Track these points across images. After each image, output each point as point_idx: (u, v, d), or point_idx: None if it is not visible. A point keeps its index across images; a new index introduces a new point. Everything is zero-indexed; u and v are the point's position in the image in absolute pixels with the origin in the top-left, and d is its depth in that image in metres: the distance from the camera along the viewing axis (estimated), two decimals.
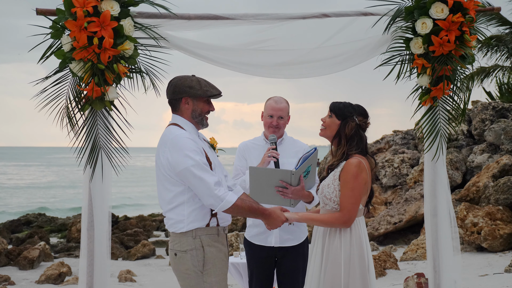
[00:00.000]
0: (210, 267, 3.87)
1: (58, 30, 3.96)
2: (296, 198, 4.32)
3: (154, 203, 37.51)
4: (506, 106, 14.34)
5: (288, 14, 4.23)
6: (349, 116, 4.02)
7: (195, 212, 3.88)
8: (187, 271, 3.86)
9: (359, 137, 4.02)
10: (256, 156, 4.83)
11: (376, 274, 9.35)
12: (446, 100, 4.31)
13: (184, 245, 3.87)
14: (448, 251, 4.34)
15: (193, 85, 3.94)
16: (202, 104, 3.99)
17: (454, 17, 4.05)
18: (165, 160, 3.83)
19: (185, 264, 3.86)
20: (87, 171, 4.08)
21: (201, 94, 3.95)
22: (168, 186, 3.88)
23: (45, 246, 12.65)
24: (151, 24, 4.11)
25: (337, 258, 3.90)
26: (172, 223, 3.93)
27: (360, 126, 4.04)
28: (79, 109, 4.04)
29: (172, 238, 3.96)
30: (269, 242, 4.80)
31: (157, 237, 17.57)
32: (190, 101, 3.96)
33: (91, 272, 4.14)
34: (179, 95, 3.95)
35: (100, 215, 4.12)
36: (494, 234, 10.22)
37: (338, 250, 3.91)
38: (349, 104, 4.06)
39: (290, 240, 4.80)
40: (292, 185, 4.26)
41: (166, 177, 3.87)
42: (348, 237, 3.92)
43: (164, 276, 11.00)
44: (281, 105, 4.76)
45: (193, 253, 3.85)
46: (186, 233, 3.88)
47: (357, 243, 3.92)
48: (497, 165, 11.93)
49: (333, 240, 3.94)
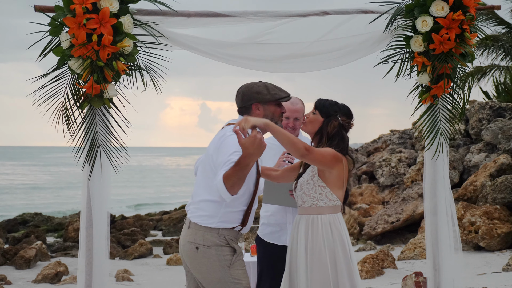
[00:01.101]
0: (235, 260, 3.87)
1: (56, 27, 3.93)
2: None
3: (151, 203, 37.53)
4: (503, 105, 14.36)
5: (288, 12, 4.21)
6: (333, 115, 4.05)
7: (230, 214, 3.88)
8: (211, 265, 3.83)
9: (340, 136, 4.05)
10: (272, 156, 4.79)
11: (374, 273, 9.35)
12: (446, 98, 4.30)
13: (208, 240, 3.84)
14: (448, 249, 4.34)
15: (260, 90, 3.96)
16: (273, 108, 4.00)
17: (455, 15, 4.04)
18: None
19: (209, 258, 3.83)
20: (86, 169, 4.06)
21: (270, 98, 3.96)
22: None
23: (42, 246, 12.60)
24: (151, 21, 4.09)
25: (322, 258, 3.90)
26: (201, 214, 3.89)
27: (343, 126, 4.07)
28: (77, 106, 4.02)
29: (193, 231, 3.90)
30: (282, 241, 4.77)
31: (154, 237, 17.54)
32: (261, 106, 3.97)
33: (89, 271, 4.11)
34: (248, 102, 3.97)
35: (99, 214, 4.09)
36: (492, 233, 10.24)
37: (322, 249, 3.90)
38: (334, 103, 4.09)
39: None
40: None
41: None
42: (330, 234, 3.92)
43: (161, 275, 10.98)
44: (297, 106, 4.77)
45: (219, 249, 3.84)
46: (212, 229, 3.86)
47: (339, 239, 3.93)
48: (494, 164, 11.94)
49: (316, 238, 3.92)
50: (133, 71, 4.08)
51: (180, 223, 18.61)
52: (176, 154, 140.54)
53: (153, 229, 19.07)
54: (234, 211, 3.89)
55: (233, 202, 3.84)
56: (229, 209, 3.87)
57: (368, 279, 9.17)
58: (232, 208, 3.88)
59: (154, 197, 42.08)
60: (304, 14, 4.22)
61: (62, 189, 46.79)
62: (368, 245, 12.58)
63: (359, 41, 4.32)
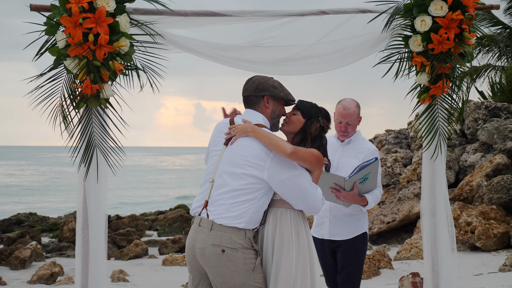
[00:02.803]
0: (258, 264, 3.80)
1: (52, 26, 3.89)
2: (348, 201, 4.63)
3: (147, 202, 37.45)
4: (499, 105, 14.37)
5: (286, 11, 4.19)
6: (315, 117, 4.07)
7: (257, 215, 3.82)
8: (237, 269, 3.73)
9: (321, 138, 4.08)
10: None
11: (371, 274, 9.33)
12: (444, 99, 4.28)
13: (235, 243, 3.73)
14: (446, 250, 4.33)
15: (276, 85, 3.91)
16: (281, 107, 3.96)
17: (454, 15, 4.02)
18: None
19: (235, 262, 3.72)
20: (82, 170, 4.02)
21: (283, 96, 3.92)
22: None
23: (37, 246, 12.54)
24: (147, 21, 4.05)
25: (288, 251, 3.88)
26: (228, 215, 3.77)
27: (323, 128, 4.11)
28: (74, 107, 3.98)
29: (217, 233, 3.76)
30: (321, 234, 4.97)
31: (149, 237, 17.48)
32: (271, 101, 3.91)
33: (85, 273, 4.07)
34: (262, 92, 3.89)
35: (95, 215, 4.05)
36: (488, 234, 10.24)
37: (289, 242, 3.89)
38: (315, 105, 4.13)
39: (340, 234, 4.92)
40: (345, 189, 4.59)
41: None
42: (297, 228, 3.93)
43: (157, 276, 10.94)
44: (348, 111, 4.80)
45: (245, 252, 3.74)
46: (239, 230, 3.76)
47: (306, 235, 3.94)
48: (490, 165, 11.94)
49: (283, 231, 3.91)
50: (129, 71, 4.05)
51: (175, 223, 18.56)
52: (170, 154, 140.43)
53: (149, 229, 19.01)
54: (261, 211, 3.84)
55: (263, 202, 3.82)
56: (257, 208, 3.81)
57: (365, 279, 9.16)
58: (260, 208, 3.82)
59: (150, 197, 42.02)
60: (302, 14, 4.20)
61: (58, 189, 46.67)
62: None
63: (358, 43, 4.30)
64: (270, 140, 3.81)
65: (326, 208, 4.91)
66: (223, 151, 3.92)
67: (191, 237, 3.91)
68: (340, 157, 4.91)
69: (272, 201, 3.99)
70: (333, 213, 4.91)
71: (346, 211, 4.83)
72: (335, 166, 4.92)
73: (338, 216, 4.89)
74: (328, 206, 4.89)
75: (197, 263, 3.87)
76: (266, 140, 3.82)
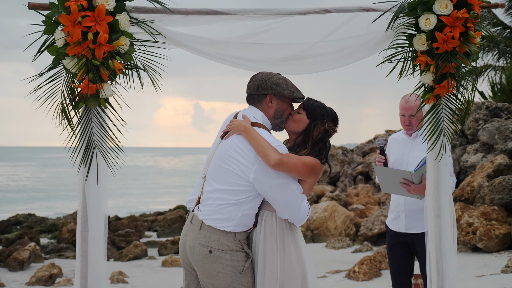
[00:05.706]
0: (248, 266, 3.74)
1: (51, 25, 3.82)
2: (418, 194, 4.78)
3: (145, 202, 37.39)
4: (500, 105, 14.32)
5: (288, 10, 4.12)
6: (320, 119, 3.94)
7: (246, 218, 3.75)
8: (224, 270, 3.69)
9: (323, 143, 3.95)
10: (396, 149, 5.25)
11: (372, 275, 9.28)
12: (449, 98, 4.21)
13: (223, 244, 3.69)
14: (451, 252, 4.26)
15: (280, 83, 3.80)
16: (286, 105, 3.86)
17: (459, 13, 3.95)
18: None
19: (222, 263, 3.69)
20: (81, 171, 3.95)
21: (287, 95, 3.81)
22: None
23: (36, 247, 12.46)
24: (148, 19, 3.98)
25: (275, 252, 3.78)
26: (216, 217, 3.73)
27: (327, 132, 3.97)
28: (73, 106, 3.91)
29: (206, 233, 3.74)
30: (398, 227, 5.16)
31: (148, 238, 17.41)
32: (275, 99, 3.82)
33: (84, 275, 4.01)
34: (264, 91, 3.81)
35: (95, 216, 3.98)
36: (490, 234, 10.18)
37: (277, 243, 3.80)
38: (323, 106, 3.99)
39: (417, 227, 5.04)
40: (414, 183, 4.73)
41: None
42: (285, 230, 3.82)
43: (156, 277, 10.88)
44: (410, 104, 5.01)
45: (233, 254, 3.70)
46: (228, 233, 3.71)
47: (292, 238, 3.83)
48: (491, 165, 11.89)
49: (270, 232, 3.81)
50: (129, 70, 3.98)
51: (175, 224, 18.48)
52: (169, 154, 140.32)
53: (148, 230, 18.93)
54: (251, 214, 3.77)
55: (254, 205, 3.74)
56: (247, 212, 3.74)
57: (366, 280, 9.11)
58: (250, 211, 3.76)
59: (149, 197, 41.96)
60: (305, 12, 4.13)
61: (57, 190, 46.60)
62: (364, 246, 12.52)
63: (361, 42, 4.22)
64: (258, 146, 3.70)
65: (401, 203, 5.09)
66: (218, 145, 3.87)
67: (183, 233, 3.91)
68: (410, 152, 5.07)
69: (262, 203, 3.89)
70: (408, 207, 5.07)
71: (421, 204, 4.90)
72: (405, 161, 5.08)
73: (414, 209, 5.04)
74: (403, 201, 5.06)
75: (188, 259, 3.87)
76: (254, 144, 3.71)
